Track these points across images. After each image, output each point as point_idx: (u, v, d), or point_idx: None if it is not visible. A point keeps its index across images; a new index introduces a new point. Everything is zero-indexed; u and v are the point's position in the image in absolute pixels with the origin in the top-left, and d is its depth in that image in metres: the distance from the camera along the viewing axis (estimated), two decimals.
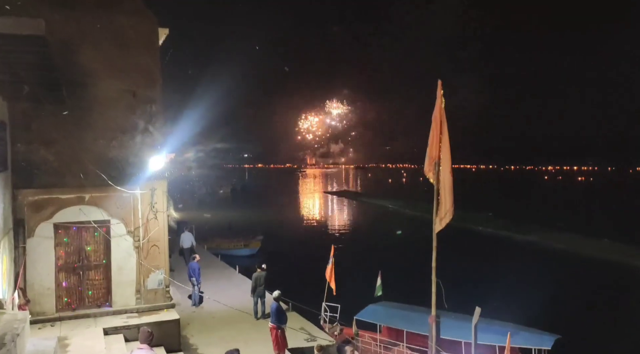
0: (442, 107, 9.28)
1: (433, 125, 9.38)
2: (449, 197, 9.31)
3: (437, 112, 9.32)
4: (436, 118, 9.34)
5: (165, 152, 14.68)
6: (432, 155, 9.45)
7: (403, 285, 23.39)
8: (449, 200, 9.30)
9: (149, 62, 14.26)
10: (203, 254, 29.08)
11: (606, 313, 21.50)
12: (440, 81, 9.21)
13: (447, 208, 9.29)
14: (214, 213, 60.26)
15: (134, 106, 14.03)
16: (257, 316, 16.95)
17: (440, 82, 9.25)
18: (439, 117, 9.30)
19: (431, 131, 9.42)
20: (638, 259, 31.43)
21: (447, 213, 9.28)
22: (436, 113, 9.34)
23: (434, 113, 9.37)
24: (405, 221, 56.44)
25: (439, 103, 9.27)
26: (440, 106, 9.27)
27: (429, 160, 9.56)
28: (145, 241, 13.95)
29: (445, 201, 9.31)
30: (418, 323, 15.37)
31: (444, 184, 9.31)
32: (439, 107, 9.28)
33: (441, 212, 9.39)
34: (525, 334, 13.89)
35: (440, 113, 9.29)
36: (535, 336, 14.15)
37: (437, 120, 9.33)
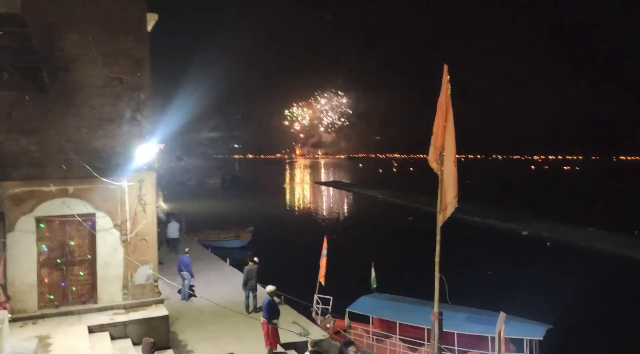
0: (448, 94, 8.70)
1: (438, 113, 8.74)
2: (453, 188, 8.79)
3: (442, 99, 8.67)
4: (441, 105, 8.69)
5: (154, 142, 14.09)
6: (437, 145, 8.80)
7: (395, 275, 23.20)
8: (452, 191, 8.79)
9: (136, 47, 13.62)
10: (193, 246, 28.58)
11: (594, 301, 21.40)
12: (446, 66, 8.58)
13: (450, 199, 8.80)
14: (204, 204, 59.68)
15: (120, 93, 13.41)
16: (249, 311, 16.54)
17: (447, 67, 8.58)
18: (445, 104, 8.67)
19: (436, 119, 8.79)
20: (623, 247, 31.34)
21: (449, 205, 8.79)
22: (441, 100, 8.69)
23: (439, 100, 8.73)
24: (395, 210, 56.31)
25: (444, 89, 8.63)
26: (446, 92, 8.62)
27: (433, 149, 8.87)
28: (132, 235, 13.39)
29: (448, 193, 8.81)
30: (411, 315, 15.39)
31: (447, 175, 8.78)
32: (444, 93, 8.63)
33: (444, 204, 8.91)
34: (516, 324, 13.77)
35: (446, 100, 8.67)
36: (527, 326, 14.06)
37: (442, 107, 8.68)
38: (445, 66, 8.59)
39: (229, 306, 16.84)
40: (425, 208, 54.10)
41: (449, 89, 8.66)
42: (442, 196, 8.91)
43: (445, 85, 8.62)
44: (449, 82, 8.68)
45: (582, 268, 28.19)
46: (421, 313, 15.30)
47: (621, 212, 48.02)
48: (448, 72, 8.65)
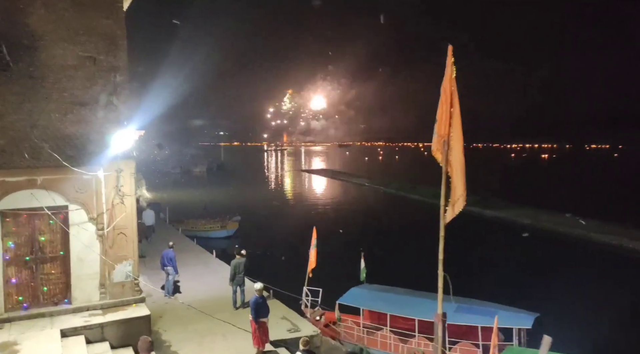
0: (453, 77, 7.76)
1: (442, 98, 7.87)
2: (461, 182, 7.90)
3: (446, 83, 7.80)
4: (445, 90, 7.81)
5: (133, 128, 13.03)
6: (441, 133, 7.93)
7: (385, 265, 22.63)
8: (461, 184, 7.90)
9: (111, 25, 12.50)
10: (177, 237, 27.63)
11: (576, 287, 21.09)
12: (450, 46, 7.64)
13: (460, 193, 7.91)
14: (189, 193, 58.54)
15: (94, 75, 12.31)
16: (237, 306, 15.68)
17: (451, 47, 7.66)
18: (449, 89, 7.79)
19: (440, 105, 7.91)
20: (600, 233, 31.21)
21: (459, 200, 7.92)
22: (445, 85, 7.81)
23: (442, 84, 7.86)
24: (381, 198, 55.80)
25: (449, 72, 7.74)
26: (450, 76, 7.73)
27: (437, 138, 8.04)
28: (110, 229, 12.38)
29: (457, 186, 7.91)
30: (401, 306, 15.16)
31: (455, 166, 7.87)
32: (449, 76, 7.75)
33: (453, 198, 8.02)
34: (504, 313, 13.69)
35: (451, 84, 7.77)
36: (515, 315, 13.88)
37: (446, 92, 7.80)
38: (450, 47, 7.63)
39: (216, 302, 16.06)
40: (411, 196, 53.77)
41: (453, 72, 7.72)
42: (452, 190, 8.02)
43: (449, 67, 7.72)
44: (453, 64, 7.70)
45: (563, 254, 28.03)
46: (412, 304, 15.17)
47: (598, 199, 48.43)
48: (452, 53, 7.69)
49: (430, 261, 24.81)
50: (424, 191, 54.51)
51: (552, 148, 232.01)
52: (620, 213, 36.79)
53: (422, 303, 14.74)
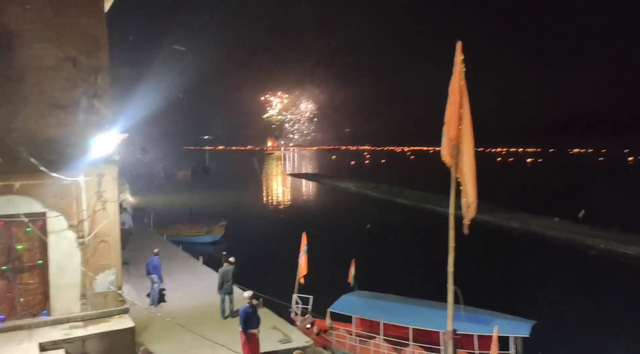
0: (462, 75, 7.05)
1: (451, 99, 7.19)
2: (473, 188, 7.32)
3: (455, 82, 7.12)
4: (454, 89, 7.12)
5: (116, 132, 12.52)
6: (451, 136, 7.23)
7: (376, 271, 22.30)
8: (473, 191, 7.32)
9: (92, 24, 12.03)
10: (162, 243, 27.02)
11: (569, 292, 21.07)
12: (459, 42, 6.98)
13: (471, 200, 7.34)
14: (174, 197, 57.77)
15: (74, 76, 11.82)
16: (225, 315, 15.18)
17: (460, 44, 6.99)
18: (458, 88, 7.11)
19: (448, 106, 7.23)
20: (589, 237, 31.16)
21: (470, 207, 7.35)
22: (454, 84, 7.13)
23: (451, 84, 7.19)
24: (369, 203, 55.53)
25: (457, 70, 7.06)
26: (459, 74, 7.06)
27: (446, 141, 7.33)
28: (91, 237, 11.86)
29: (468, 193, 7.33)
30: (394, 313, 14.76)
31: (466, 172, 7.29)
32: (457, 75, 7.08)
33: (464, 205, 7.44)
34: (501, 321, 13.30)
35: (460, 83, 7.10)
36: (512, 323, 13.53)
37: (455, 91, 7.12)
38: (459, 43, 6.98)
39: (203, 311, 15.56)
40: (398, 200, 53.60)
41: (463, 70, 7.05)
42: (463, 197, 7.42)
43: (458, 65, 7.04)
44: (462, 62, 7.01)
45: (553, 258, 27.94)
46: (405, 312, 14.78)
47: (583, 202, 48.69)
48: (462, 50, 6.99)
49: (421, 267, 24.55)
50: (410, 195, 54.42)
51: (536, 152, 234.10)
52: (607, 216, 36.92)
53: (416, 311, 14.38)
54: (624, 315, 18.43)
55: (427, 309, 14.04)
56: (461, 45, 6.96)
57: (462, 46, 6.98)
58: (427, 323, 13.49)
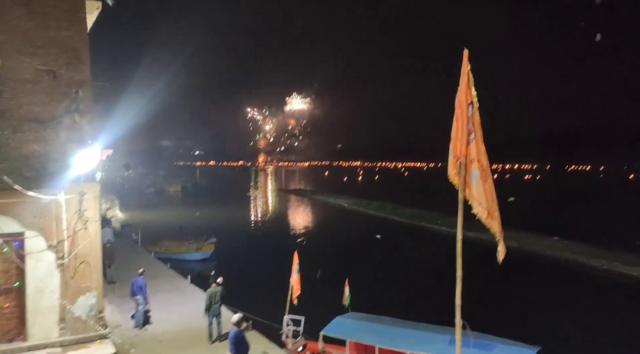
0: (471, 86, 6.25)
1: (457, 113, 6.38)
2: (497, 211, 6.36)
3: (462, 95, 6.31)
4: (461, 102, 6.31)
5: (99, 147, 12.05)
6: (457, 153, 6.44)
7: (370, 292, 21.74)
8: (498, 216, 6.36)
9: (73, 36, 11.63)
10: (149, 261, 26.41)
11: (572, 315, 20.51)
12: (466, 51, 6.17)
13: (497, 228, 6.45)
14: (163, 213, 57.05)
15: (54, 90, 11.40)
16: (212, 339, 14.59)
17: (467, 52, 6.19)
18: (465, 101, 6.28)
19: (455, 120, 6.42)
20: (590, 257, 30.70)
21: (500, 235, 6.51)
22: (461, 97, 6.31)
23: (457, 96, 6.37)
24: (362, 220, 55.03)
25: (464, 81, 6.27)
26: (466, 86, 6.27)
27: (452, 159, 6.54)
28: (71, 258, 11.31)
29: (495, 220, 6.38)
30: (390, 337, 14.03)
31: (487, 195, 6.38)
32: (464, 87, 6.28)
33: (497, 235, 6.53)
34: (504, 347, 12.59)
35: (467, 96, 6.28)
36: (516, 349, 12.73)
37: (462, 105, 6.30)
38: (466, 51, 6.19)
39: (190, 334, 14.99)
40: (392, 217, 53.11)
41: (471, 81, 6.27)
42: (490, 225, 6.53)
43: (465, 76, 6.25)
44: (470, 72, 6.20)
45: (554, 279, 27.46)
46: (402, 336, 14.18)
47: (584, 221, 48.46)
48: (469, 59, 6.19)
49: (418, 287, 23.98)
50: (404, 212, 53.92)
51: (532, 169, 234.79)
52: (608, 235, 36.51)
53: (413, 335, 13.81)
54: (629, 338, 17.98)
55: (425, 333, 13.44)
56: (467, 54, 6.25)
57: (468, 55, 6.24)
58: (425, 348, 12.79)
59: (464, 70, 6.15)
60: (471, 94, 6.17)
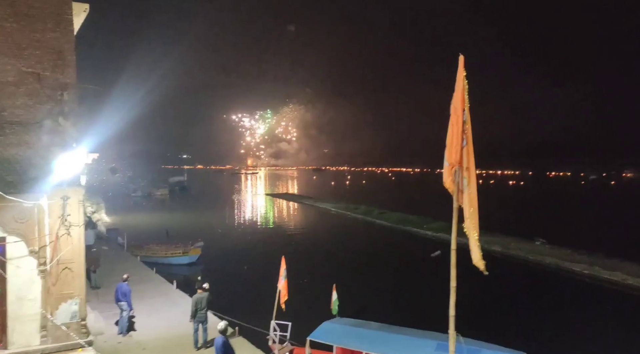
0: (465, 93, 6.22)
1: (452, 119, 6.32)
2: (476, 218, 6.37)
3: (457, 101, 6.25)
4: (456, 109, 6.26)
5: (84, 151, 11.84)
6: (452, 160, 6.38)
7: (358, 296, 21.65)
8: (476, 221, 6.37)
9: (59, 39, 11.42)
10: (135, 266, 26.10)
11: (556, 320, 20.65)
12: (462, 56, 6.13)
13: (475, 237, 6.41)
14: (150, 217, 56.55)
15: (38, 92, 11.18)
16: (198, 346, 14.38)
17: (463, 58, 6.14)
18: (461, 108, 6.24)
19: (450, 127, 6.37)
20: (572, 262, 30.89)
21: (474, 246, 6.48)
22: (456, 103, 6.26)
23: (452, 103, 6.32)
24: (349, 224, 54.94)
25: (460, 87, 6.22)
26: (462, 92, 6.22)
27: (448, 167, 6.49)
28: (53, 264, 11.07)
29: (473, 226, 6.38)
30: (378, 343, 13.82)
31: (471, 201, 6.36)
32: (460, 93, 6.23)
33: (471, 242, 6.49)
34: (490, 352, 12.36)
35: (462, 102, 6.24)
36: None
37: (457, 111, 6.26)
38: (461, 57, 6.15)
39: (175, 341, 14.79)
40: (378, 221, 53.09)
41: (466, 87, 6.23)
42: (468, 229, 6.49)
43: (460, 82, 6.21)
44: (465, 78, 6.18)
45: (537, 284, 27.57)
46: (390, 341, 14.15)
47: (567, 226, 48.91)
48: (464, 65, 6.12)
49: (405, 292, 23.86)
50: (391, 216, 53.92)
51: (514, 175, 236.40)
52: (590, 241, 36.84)
53: (401, 340, 13.71)
54: (609, 341, 18.07)
55: (412, 339, 13.30)
56: (463, 60, 6.16)
57: (464, 61, 6.15)
58: (412, 353, 12.84)
59: (460, 76, 6.13)
60: (465, 101, 6.14)
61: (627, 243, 37.28)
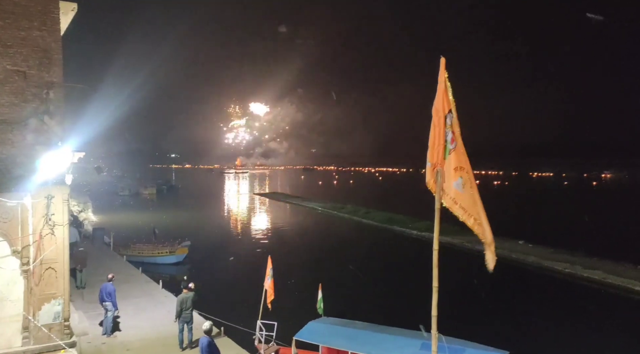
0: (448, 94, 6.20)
1: (434, 121, 6.35)
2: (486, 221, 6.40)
3: (439, 103, 6.27)
4: (437, 110, 6.28)
5: (69, 150, 11.74)
6: (434, 161, 6.43)
7: (344, 296, 21.69)
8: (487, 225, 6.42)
9: (45, 37, 11.32)
10: (121, 265, 25.93)
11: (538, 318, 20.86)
12: (443, 58, 6.15)
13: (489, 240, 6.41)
14: (137, 216, 56.17)
15: (24, 91, 11.08)
16: (183, 346, 14.32)
17: (444, 60, 6.17)
18: (442, 109, 6.25)
19: (432, 128, 6.40)
20: (553, 261, 31.24)
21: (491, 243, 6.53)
22: (438, 105, 6.27)
23: (434, 104, 6.33)
24: (336, 223, 55.02)
25: (441, 89, 6.22)
26: (443, 93, 6.22)
27: (429, 168, 6.53)
28: (37, 264, 10.97)
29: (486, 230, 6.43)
30: (364, 342, 13.91)
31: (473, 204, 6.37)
32: (441, 95, 6.24)
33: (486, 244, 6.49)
34: (474, 352, 12.51)
35: (444, 103, 6.24)
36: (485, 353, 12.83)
37: (439, 113, 6.27)
38: (443, 59, 6.17)
39: (160, 341, 14.72)
40: (364, 220, 53.26)
41: (448, 89, 6.23)
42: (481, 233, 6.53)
43: (442, 83, 6.21)
44: (447, 80, 6.19)
45: (520, 282, 27.79)
46: (375, 340, 14.21)
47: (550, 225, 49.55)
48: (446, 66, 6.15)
49: (391, 291, 23.86)
50: (377, 215, 54.08)
51: (498, 175, 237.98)
52: (570, 240, 37.30)
53: (386, 339, 13.79)
54: (591, 338, 18.30)
55: (398, 338, 13.35)
56: (444, 62, 6.22)
57: (445, 63, 6.20)
58: (398, 353, 12.91)
59: (441, 78, 6.12)
60: (449, 102, 6.18)
61: (608, 242, 37.89)
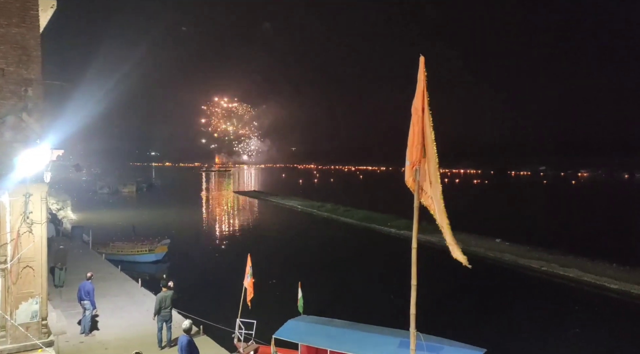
0: (426, 93, 6.38)
1: (413, 119, 6.49)
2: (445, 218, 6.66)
3: (418, 101, 6.41)
4: (417, 109, 6.43)
5: (48, 148, 11.67)
6: (413, 159, 6.58)
7: (323, 294, 21.83)
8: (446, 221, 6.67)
9: (23, 33, 11.24)
10: (100, 264, 25.74)
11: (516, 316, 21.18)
12: (422, 57, 6.31)
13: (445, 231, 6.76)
14: (117, 214, 55.65)
15: (1, 88, 11.02)
16: (162, 345, 14.32)
17: (423, 59, 6.32)
18: (421, 107, 6.41)
19: (411, 127, 6.55)
20: (530, 259, 31.76)
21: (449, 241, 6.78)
22: (417, 103, 6.42)
23: (414, 103, 6.48)
24: (314, 222, 55.15)
25: (420, 88, 6.37)
26: (422, 92, 6.37)
27: (409, 166, 6.66)
28: (14, 262, 10.89)
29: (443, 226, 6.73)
30: (342, 340, 13.97)
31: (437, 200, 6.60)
32: (420, 93, 6.39)
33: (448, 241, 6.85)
34: (450, 349, 12.69)
35: (423, 102, 6.40)
36: (462, 351, 12.97)
37: (418, 111, 6.43)
38: (422, 58, 6.32)
39: (139, 340, 14.69)
40: (343, 219, 53.50)
41: (425, 88, 6.39)
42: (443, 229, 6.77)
43: (421, 82, 6.37)
44: (426, 79, 6.36)
45: (497, 280, 28.19)
46: (354, 338, 14.26)
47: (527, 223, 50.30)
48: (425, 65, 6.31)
49: (371, 289, 24.11)
50: (356, 214, 54.34)
51: (476, 173, 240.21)
52: (546, 238, 37.97)
53: (366, 338, 13.92)
54: (568, 336, 18.69)
55: (377, 336, 13.45)
56: (424, 60, 6.35)
57: (424, 62, 6.36)
58: (376, 351, 12.96)
59: (420, 76, 6.32)
60: (425, 100, 6.38)
61: (584, 240, 38.65)
